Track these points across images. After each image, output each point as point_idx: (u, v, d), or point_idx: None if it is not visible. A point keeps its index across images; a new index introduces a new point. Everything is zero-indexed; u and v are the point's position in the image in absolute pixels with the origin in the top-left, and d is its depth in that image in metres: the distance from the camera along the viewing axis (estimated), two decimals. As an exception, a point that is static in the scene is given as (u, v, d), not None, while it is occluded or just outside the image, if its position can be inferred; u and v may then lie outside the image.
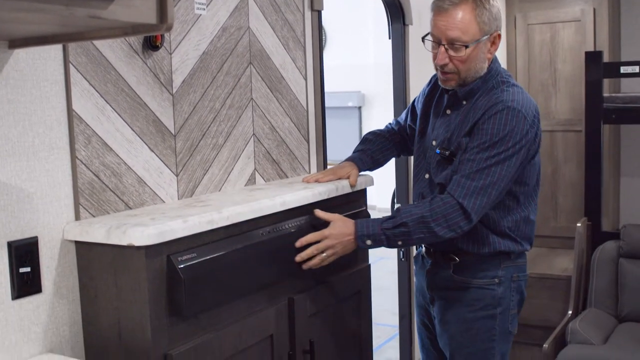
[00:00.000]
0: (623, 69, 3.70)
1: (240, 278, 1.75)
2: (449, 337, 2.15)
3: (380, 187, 3.01)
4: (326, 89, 2.60)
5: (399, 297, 3.35)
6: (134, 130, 1.78)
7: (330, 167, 2.33)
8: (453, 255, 2.12)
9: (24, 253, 1.53)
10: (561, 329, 3.42)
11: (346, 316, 2.23)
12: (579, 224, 3.74)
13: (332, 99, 6.93)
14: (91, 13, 1.14)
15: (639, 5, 4.13)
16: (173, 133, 1.91)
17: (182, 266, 1.57)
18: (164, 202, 1.89)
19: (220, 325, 1.72)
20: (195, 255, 1.62)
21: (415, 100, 2.34)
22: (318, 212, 1.99)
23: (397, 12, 3.18)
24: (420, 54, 3.03)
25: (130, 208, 1.78)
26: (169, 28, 1.27)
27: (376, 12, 7.75)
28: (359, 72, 8.99)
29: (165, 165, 1.89)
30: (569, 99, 4.23)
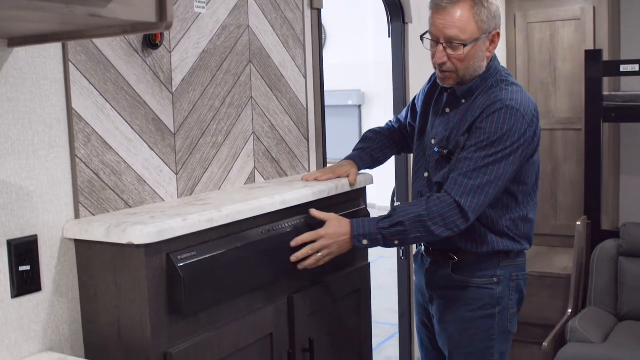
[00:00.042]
0: (623, 68, 3.70)
1: (240, 276, 1.75)
2: (448, 337, 2.15)
3: (380, 185, 3.00)
4: (326, 88, 2.60)
5: (399, 295, 3.35)
6: (133, 129, 1.78)
7: (330, 165, 2.33)
8: (452, 254, 2.11)
9: (24, 251, 1.53)
10: (561, 327, 3.42)
11: (346, 315, 2.23)
12: (578, 223, 3.74)
13: (332, 97, 6.93)
14: (91, 11, 1.14)
15: (638, 4, 4.13)
16: (173, 131, 1.91)
17: (181, 264, 1.58)
18: (163, 200, 1.89)
19: (219, 323, 1.72)
20: (194, 253, 1.62)
21: (416, 98, 2.33)
22: (313, 212, 1.98)
23: (396, 10, 3.18)
24: (420, 53, 3.03)
25: (130, 206, 1.78)
26: (169, 26, 1.27)
27: (376, 10, 7.75)
28: (358, 70, 9.00)
29: (165, 163, 1.89)
30: (569, 98, 4.23)
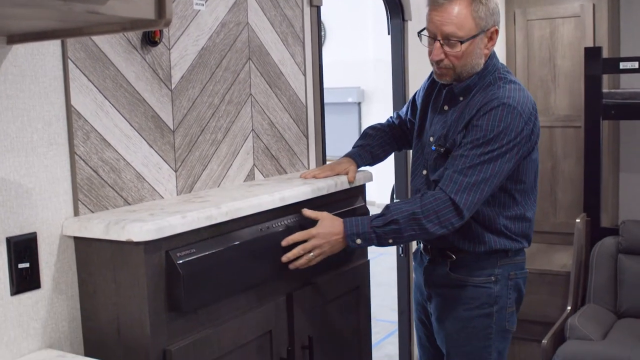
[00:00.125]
0: (622, 65, 3.70)
1: (239, 274, 1.75)
2: (446, 335, 2.15)
3: (380, 182, 3.01)
4: (326, 85, 2.59)
5: (398, 293, 3.35)
6: (132, 126, 1.78)
7: (329, 163, 2.32)
8: (450, 253, 2.11)
9: (23, 249, 1.53)
10: (560, 324, 3.42)
11: (345, 312, 2.23)
12: (578, 220, 3.74)
13: (332, 94, 6.94)
14: (89, 8, 1.14)
15: (638, 1, 4.12)
16: (172, 129, 1.91)
17: (180, 262, 1.58)
18: (162, 197, 1.88)
19: (219, 320, 1.72)
20: (194, 250, 1.62)
21: (416, 94, 2.32)
22: (305, 211, 1.95)
23: (396, 7, 3.18)
24: (419, 50, 3.02)
25: (129, 204, 1.78)
26: (168, 23, 1.27)
27: (375, 7, 7.75)
28: (358, 68, 9.00)
29: (164, 160, 1.89)
30: (568, 95, 4.23)
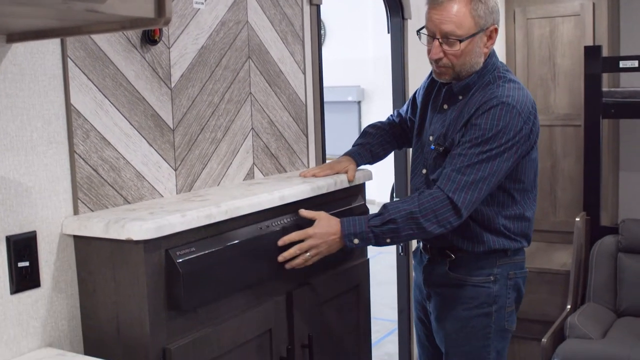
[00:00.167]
0: (622, 64, 3.69)
1: (239, 272, 1.75)
2: (445, 335, 2.15)
3: (380, 181, 3.01)
4: (325, 84, 2.59)
5: (398, 291, 3.35)
6: (132, 125, 1.78)
7: (329, 161, 2.32)
8: (449, 252, 2.10)
9: (23, 247, 1.53)
10: (560, 323, 3.42)
11: (345, 310, 2.23)
12: (577, 219, 3.74)
13: (332, 93, 6.94)
14: (89, 7, 1.14)
15: (638, 0, 4.12)
16: (172, 127, 1.91)
17: (180, 260, 1.58)
18: (162, 196, 1.88)
19: (218, 319, 1.72)
20: (193, 249, 1.62)
21: (416, 92, 2.31)
22: (302, 212, 1.94)
23: (396, 6, 3.18)
24: (419, 48, 3.01)
25: (129, 202, 1.78)
26: (167, 22, 1.27)
27: (375, 6, 7.74)
28: (358, 66, 9.00)
29: (164, 159, 1.89)
30: (568, 94, 4.23)
